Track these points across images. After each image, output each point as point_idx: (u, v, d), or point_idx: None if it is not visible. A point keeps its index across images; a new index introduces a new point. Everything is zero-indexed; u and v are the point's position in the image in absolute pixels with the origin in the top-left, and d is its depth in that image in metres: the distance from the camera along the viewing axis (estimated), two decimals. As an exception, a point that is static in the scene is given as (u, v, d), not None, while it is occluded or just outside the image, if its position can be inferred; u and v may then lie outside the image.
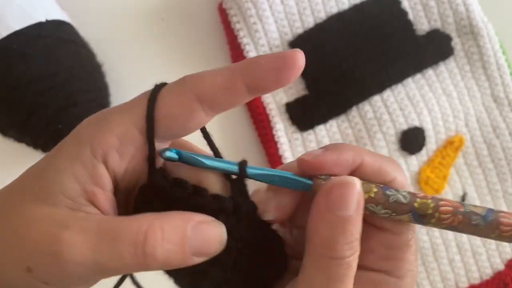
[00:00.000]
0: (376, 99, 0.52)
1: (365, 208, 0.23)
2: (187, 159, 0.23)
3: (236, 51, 0.53)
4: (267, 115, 0.53)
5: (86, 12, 0.52)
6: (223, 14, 0.53)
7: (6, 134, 0.48)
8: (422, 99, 0.53)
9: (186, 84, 0.23)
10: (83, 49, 0.49)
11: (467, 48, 0.54)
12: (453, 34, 0.54)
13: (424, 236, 0.53)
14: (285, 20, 0.52)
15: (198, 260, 0.21)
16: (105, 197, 0.22)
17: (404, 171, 0.53)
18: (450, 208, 0.23)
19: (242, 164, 0.24)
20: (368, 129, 0.53)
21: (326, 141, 0.53)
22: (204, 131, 0.25)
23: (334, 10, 0.53)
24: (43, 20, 0.46)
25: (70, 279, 0.21)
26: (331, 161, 0.23)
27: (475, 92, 0.54)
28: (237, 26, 0.52)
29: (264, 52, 0.53)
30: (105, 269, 0.21)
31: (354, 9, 0.52)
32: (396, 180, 0.24)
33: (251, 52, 0.52)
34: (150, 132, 0.23)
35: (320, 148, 0.24)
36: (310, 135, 0.53)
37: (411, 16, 0.53)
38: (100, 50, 0.51)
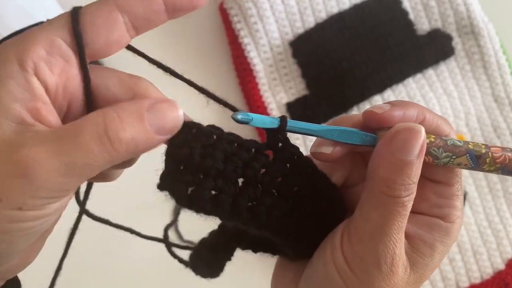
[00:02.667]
0: (377, 98, 0.52)
1: (428, 153, 0.25)
2: (257, 120, 0.25)
3: (237, 51, 0.53)
4: (267, 115, 0.53)
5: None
6: (224, 14, 0.53)
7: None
8: (422, 98, 0.53)
9: (114, 6, 0.23)
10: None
11: (468, 48, 0.54)
12: (454, 34, 0.54)
13: (424, 236, 0.53)
14: (286, 20, 0.52)
15: (161, 138, 0.22)
16: (49, 111, 0.22)
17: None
18: (499, 149, 0.26)
19: (283, 119, 0.25)
20: (368, 129, 0.53)
21: (326, 141, 0.53)
22: (131, 48, 0.26)
23: (335, 10, 0.53)
24: (44, 20, 0.45)
25: (45, 193, 0.21)
26: (398, 116, 0.25)
27: (476, 92, 0.54)
28: (238, 26, 0.52)
29: (265, 52, 0.53)
30: (76, 168, 0.20)
31: (355, 9, 0.52)
32: (450, 136, 0.26)
33: (252, 52, 0.52)
34: (78, 37, 0.22)
35: (386, 103, 0.26)
36: (310, 135, 0.53)
37: (411, 16, 0.53)
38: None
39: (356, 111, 0.53)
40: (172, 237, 0.54)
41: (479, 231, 0.54)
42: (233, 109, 0.26)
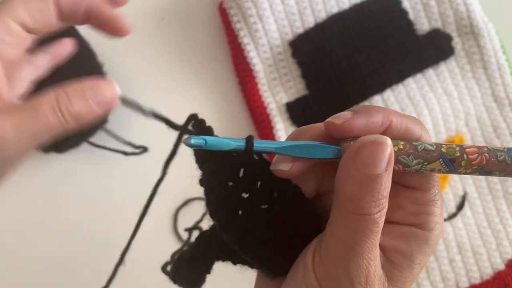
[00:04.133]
0: (377, 98, 0.52)
1: (398, 161, 0.23)
2: (211, 144, 0.24)
3: (236, 51, 0.53)
4: (267, 115, 0.53)
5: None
6: (224, 14, 0.53)
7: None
8: (422, 99, 0.53)
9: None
10: (83, 49, 0.49)
11: (468, 48, 0.54)
12: (454, 34, 0.54)
13: (424, 236, 0.53)
14: (286, 20, 0.52)
15: (100, 110, 0.26)
16: (4, 90, 0.28)
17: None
18: (475, 149, 0.24)
19: (249, 139, 0.24)
20: (368, 129, 0.53)
21: (326, 141, 0.53)
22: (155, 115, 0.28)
23: (335, 9, 0.53)
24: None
25: (10, 159, 0.25)
26: (360, 125, 0.24)
27: (476, 92, 0.54)
28: (238, 26, 0.52)
29: (265, 52, 0.53)
30: (37, 136, 0.25)
31: (355, 9, 0.52)
32: (422, 138, 0.25)
33: (251, 52, 0.52)
34: None
35: (349, 110, 0.25)
36: (310, 135, 0.53)
37: (411, 16, 0.53)
38: (101, 50, 0.51)
39: (356, 111, 0.53)
40: (172, 239, 0.54)
41: (479, 231, 0.54)
42: (180, 129, 0.26)
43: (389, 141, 0.23)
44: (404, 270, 0.24)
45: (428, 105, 0.53)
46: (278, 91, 0.53)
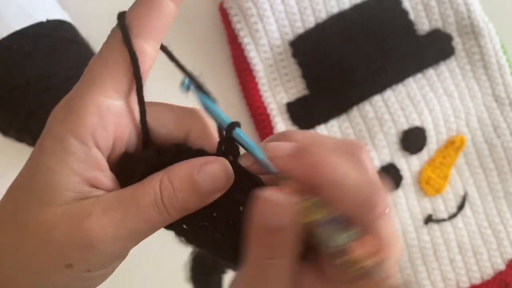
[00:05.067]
0: (377, 99, 0.52)
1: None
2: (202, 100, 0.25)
3: (236, 51, 0.53)
4: (268, 115, 0.53)
5: (87, 12, 0.52)
6: (224, 14, 0.53)
7: (6, 134, 0.48)
8: (423, 99, 0.53)
9: (131, 34, 0.24)
10: (83, 49, 0.49)
11: (468, 48, 0.54)
12: (454, 34, 0.54)
13: (425, 236, 0.53)
14: (286, 20, 0.52)
15: (215, 196, 0.23)
16: (106, 176, 0.23)
17: (405, 171, 0.53)
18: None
19: (232, 125, 0.25)
20: (369, 129, 0.53)
21: (327, 141, 0.53)
22: (163, 49, 0.27)
23: (335, 10, 0.53)
24: (44, 20, 0.45)
25: (110, 257, 0.23)
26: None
27: (476, 92, 0.54)
28: (238, 26, 0.52)
29: (265, 52, 0.53)
30: (138, 234, 0.23)
31: (355, 9, 0.52)
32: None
33: (252, 52, 0.52)
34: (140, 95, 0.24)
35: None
36: (310, 135, 0.53)
37: (412, 16, 0.53)
38: (101, 50, 0.51)
39: (356, 111, 0.53)
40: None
41: (479, 231, 0.54)
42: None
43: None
44: None
45: (429, 105, 0.53)
46: (278, 91, 0.53)
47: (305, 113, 0.52)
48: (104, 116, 0.23)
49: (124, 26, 0.24)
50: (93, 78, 0.24)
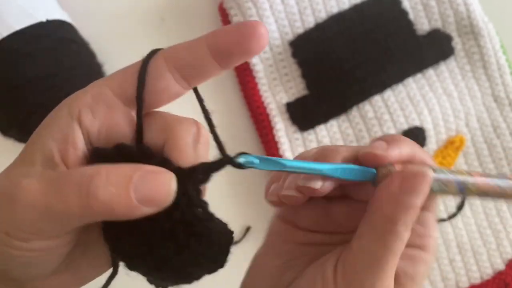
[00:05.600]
0: (377, 99, 0.52)
1: None
2: (267, 163, 0.24)
3: (236, 51, 0.53)
4: (267, 115, 0.53)
5: (87, 12, 0.52)
6: (224, 14, 0.53)
7: (6, 134, 0.48)
8: (422, 99, 0.53)
9: (159, 53, 0.24)
10: (83, 49, 0.49)
11: (468, 48, 0.54)
12: (454, 34, 0.54)
13: (424, 236, 0.53)
14: (286, 20, 0.52)
15: (146, 210, 0.21)
16: (76, 156, 0.23)
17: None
18: (478, 174, 0.27)
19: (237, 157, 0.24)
20: (368, 129, 0.53)
21: (326, 141, 0.53)
22: (196, 92, 0.26)
23: (335, 10, 0.53)
24: (44, 20, 0.46)
25: (25, 227, 0.21)
26: (395, 156, 0.26)
27: (476, 92, 0.54)
28: (238, 26, 0.52)
29: (265, 52, 0.53)
30: (53, 213, 0.21)
31: (355, 9, 0.52)
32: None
33: (251, 52, 0.52)
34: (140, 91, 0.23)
35: (379, 140, 0.27)
36: (310, 135, 0.53)
37: (411, 16, 0.53)
38: (101, 50, 0.51)
39: (356, 111, 0.53)
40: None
41: (479, 231, 0.54)
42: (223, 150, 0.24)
43: (431, 173, 0.25)
44: None
45: (428, 105, 0.53)
46: (278, 91, 0.53)
47: (305, 113, 0.52)
48: (98, 101, 0.23)
49: (150, 55, 0.24)
50: (110, 76, 0.24)
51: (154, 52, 0.25)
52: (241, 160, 0.23)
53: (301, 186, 0.26)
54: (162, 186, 0.22)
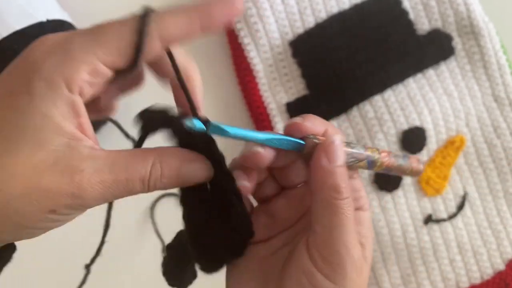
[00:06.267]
0: (377, 99, 0.52)
1: None
2: (214, 130, 0.28)
3: (237, 51, 0.53)
4: (267, 115, 0.53)
5: (87, 12, 0.52)
6: (224, 14, 0.53)
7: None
8: (422, 99, 0.53)
9: (152, 25, 0.25)
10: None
11: (468, 48, 0.54)
12: (454, 34, 0.54)
13: (425, 236, 0.53)
14: (286, 20, 0.52)
15: (185, 185, 0.27)
16: (87, 124, 0.25)
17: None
18: (385, 153, 0.32)
19: (207, 123, 0.28)
20: (369, 129, 0.53)
21: (326, 141, 0.53)
22: (169, 53, 0.28)
23: (335, 9, 0.53)
24: (44, 20, 0.46)
25: (85, 210, 0.25)
26: (311, 126, 0.30)
27: (476, 92, 0.54)
28: (238, 26, 0.52)
29: (265, 52, 0.53)
30: (117, 198, 0.26)
31: (355, 8, 0.52)
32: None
33: (252, 52, 0.52)
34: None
35: (296, 117, 0.31)
36: (310, 135, 0.53)
37: (411, 16, 0.53)
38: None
39: (356, 111, 0.53)
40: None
41: (479, 231, 0.54)
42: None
43: (340, 137, 0.29)
44: (367, 248, 0.30)
45: (429, 105, 0.53)
46: (278, 91, 0.53)
47: (305, 113, 0.52)
48: (95, 77, 0.25)
49: (147, 14, 0.26)
50: (100, 39, 0.25)
51: (147, 16, 0.26)
52: (188, 123, 0.27)
53: (246, 155, 0.30)
54: (201, 172, 0.28)
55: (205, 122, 0.28)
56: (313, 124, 0.30)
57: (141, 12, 0.26)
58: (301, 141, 0.30)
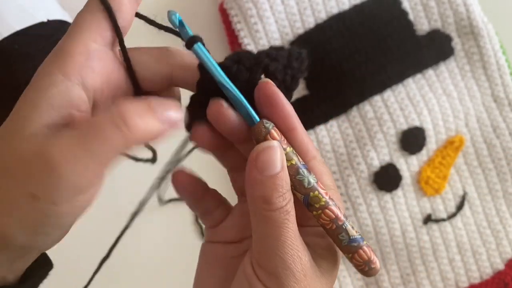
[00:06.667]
0: (377, 99, 0.53)
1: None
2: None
3: (236, 51, 0.53)
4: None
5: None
6: (224, 15, 0.53)
7: (7, 134, 0.48)
8: (422, 99, 0.53)
9: None
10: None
11: (468, 48, 0.54)
12: (454, 34, 0.54)
13: (424, 236, 0.53)
14: (286, 20, 0.52)
15: (168, 127, 0.25)
16: (81, 117, 0.24)
17: (405, 171, 0.53)
18: (332, 215, 0.27)
19: (193, 39, 0.27)
20: (368, 129, 0.53)
21: (326, 141, 0.53)
22: (138, 15, 0.28)
23: (335, 10, 0.53)
24: (45, 20, 0.46)
25: (74, 185, 0.23)
26: (284, 107, 0.27)
27: (475, 92, 0.54)
28: (238, 26, 0.52)
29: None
30: (97, 156, 0.23)
31: (355, 9, 0.53)
32: (315, 159, 0.29)
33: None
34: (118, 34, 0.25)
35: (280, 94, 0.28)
36: (310, 135, 0.53)
37: (411, 16, 0.53)
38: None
39: (356, 111, 0.53)
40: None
41: (478, 231, 0.54)
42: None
43: (277, 144, 0.26)
44: (329, 259, 0.28)
45: (428, 105, 0.53)
46: (278, 91, 0.53)
47: (305, 113, 0.53)
48: (92, 57, 0.24)
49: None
50: (80, 26, 0.25)
51: None
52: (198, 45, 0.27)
53: (212, 105, 0.27)
54: (175, 108, 0.25)
55: (198, 39, 0.27)
56: (286, 109, 0.27)
57: None
58: (257, 118, 0.27)
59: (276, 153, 0.26)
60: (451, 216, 0.54)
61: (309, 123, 0.53)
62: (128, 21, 0.26)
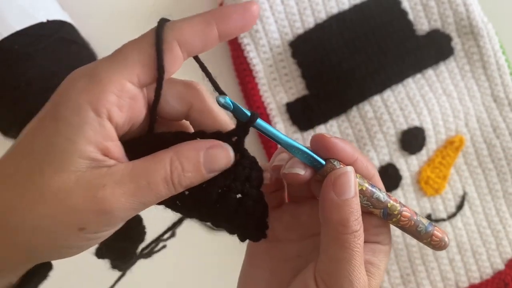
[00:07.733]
0: (376, 99, 0.53)
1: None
2: (236, 111, 0.28)
3: (236, 51, 0.53)
4: (267, 115, 0.53)
5: (87, 13, 0.52)
6: (224, 14, 0.53)
7: (7, 134, 0.48)
8: (422, 99, 0.53)
9: (169, 33, 0.26)
10: (84, 49, 0.49)
11: (467, 48, 0.54)
12: (453, 34, 0.54)
13: (424, 236, 0.53)
14: (286, 20, 0.52)
15: (213, 174, 0.27)
16: (116, 147, 0.26)
17: (404, 171, 0.53)
18: (408, 214, 0.30)
19: (255, 116, 0.28)
20: (368, 129, 0.53)
21: (326, 141, 0.53)
22: (197, 60, 0.29)
23: (335, 10, 0.53)
24: (44, 20, 0.46)
25: (119, 222, 0.26)
26: (341, 147, 0.29)
27: (475, 92, 0.54)
28: (238, 26, 0.52)
29: (265, 52, 0.53)
30: (146, 205, 0.26)
31: (355, 9, 0.53)
32: (375, 177, 0.31)
33: (251, 52, 0.52)
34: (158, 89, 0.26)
35: (326, 134, 0.29)
36: (310, 135, 0.53)
37: (411, 16, 0.53)
38: (101, 50, 0.51)
39: (356, 111, 0.53)
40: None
41: (478, 231, 0.54)
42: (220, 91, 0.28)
43: (351, 168, 0.28)
44: (376, 277, 0.30)
45: (428, 105, 0.53)
46: (278, 91, 0.53)
47: (305, 113, 0.53)
48: (123, 98, 0.25)
49: (161, 26, 0.26)
50: (125, 59, 0.25)
51: (161, 25, 0.26)
52: (258, 121, 0.28)
53: (286, 172, 0.29)
54: (222, 156, 0.27)
55: (253, 115, 0.28)
56: (343, 147, 0.29)
57: (157, 24, 0.26)
58: (322, 161, 0.29)
59: (351, 177, 0.28)
60: (451, 216, 0.54)
61: (309, 123, 0.53)
62: (176, 66, 0.26)
